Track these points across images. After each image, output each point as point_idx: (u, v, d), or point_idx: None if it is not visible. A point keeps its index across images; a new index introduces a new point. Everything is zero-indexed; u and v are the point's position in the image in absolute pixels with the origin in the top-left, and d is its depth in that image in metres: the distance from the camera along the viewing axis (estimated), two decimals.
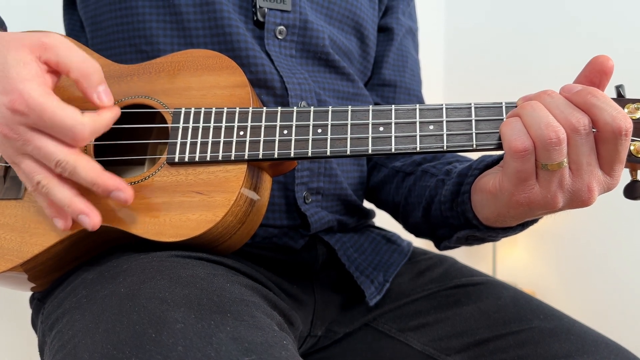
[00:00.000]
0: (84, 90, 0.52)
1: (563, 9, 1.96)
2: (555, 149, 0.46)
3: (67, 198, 0.52)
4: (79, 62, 0.51)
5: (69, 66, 0.51)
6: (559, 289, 1.95)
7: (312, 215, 0.70)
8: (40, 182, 0.52)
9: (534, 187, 0.49)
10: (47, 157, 0.50)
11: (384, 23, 0.85)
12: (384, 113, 0.56)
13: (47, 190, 0.52)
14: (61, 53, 0.51)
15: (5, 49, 0.50)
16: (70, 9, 0.79)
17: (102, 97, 0.53)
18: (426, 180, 0.71)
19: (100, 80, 0.53)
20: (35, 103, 0.48)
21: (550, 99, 0.49)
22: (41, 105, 0.48)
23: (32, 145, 0.50)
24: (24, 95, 0.48)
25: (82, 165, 0.51)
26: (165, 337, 0.40)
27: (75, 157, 0.50)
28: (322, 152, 0.55)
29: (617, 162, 0.48)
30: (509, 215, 0.53)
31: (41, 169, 0.52)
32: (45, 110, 0.48)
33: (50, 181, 0.52)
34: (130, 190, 0.53)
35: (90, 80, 0.52)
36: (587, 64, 0.50)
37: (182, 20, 0.68)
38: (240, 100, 0.59)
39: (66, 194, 0.52)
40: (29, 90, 0.48)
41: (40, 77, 0.50)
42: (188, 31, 0.68)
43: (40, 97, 0.48)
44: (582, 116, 0.46)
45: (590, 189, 0.48)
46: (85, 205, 0.52)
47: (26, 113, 0.48)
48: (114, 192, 0.52)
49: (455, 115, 0.54)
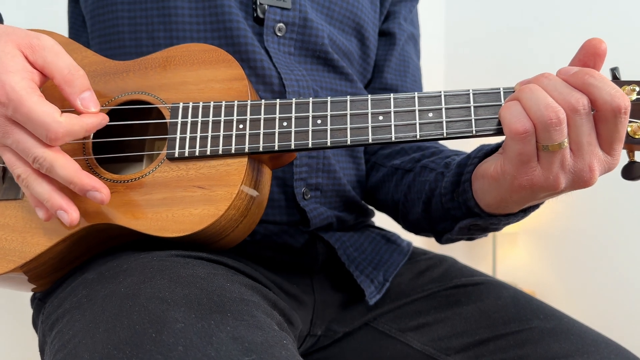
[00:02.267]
0: (67, 97, 0.53)
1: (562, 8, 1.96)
2: (555, 129, 0.47)
3: (45, 193, 0.52)
4: (64, 67, 0.52)
5: (54, 71, 0.51)
6: (559, 289, 1.95)
7: (312, 211, 0.70)
8: (20, 176, 0.52)
9: (536, 169, 0.49)
10: (25, 152, 0.51)
11: (386, 27, 0.85)
12: (383, 102, 0.56)
13: (27, 184, 0.52)
14: (48, 57, 0.51)
15: None
16: (74, 2, 0.80)
17: (87, 103, 0.53)
18: (425, 175, 0.71)
19: (83, 87, 0.53)
20: (15, 96, 0.48)
21: (548, 81, 0.49)
22: (20, 99, 0.48)
23: (12, 138, 0.50)
24: (5, 87, 0.48)
25: (60, 163, 0.51)
26: (166, 337, 0.40)
27: (53, 155, 0.51)
28: (323, 142, 0.55)
29: (616, 140, 0.48)
30: (512, 199, 0.53)
31: (20, 162, 0.52)
32: (22, 103, 0.48)
33: (29, 176, 0.52)
34: (106, 190, 0.53)
35: (73, 86, 0.52)
36: (580, 47, 0.51)
37: (180, 14, 0.68)
38: (238, 93, 0.59)
39: (45, 188, 0.52)
40: (11, 81, 0.48)
41: (26, 71, 0.50)
42: (188, 25, 0.68)
43: (21, 90, 0.48)
44: (581, 96, 0.47)
45: (591, 168, 0.48)
46: (63, 201, 0.52)
47: (5, 104, 0.49)
48: (90, 192, 0.52)
49: (454, 102, 0.54)
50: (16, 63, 0.50)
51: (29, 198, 0.55)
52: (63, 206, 0.52)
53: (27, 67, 0.50)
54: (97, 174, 0.58)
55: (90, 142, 0.60)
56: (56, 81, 0.52)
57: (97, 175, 0.58)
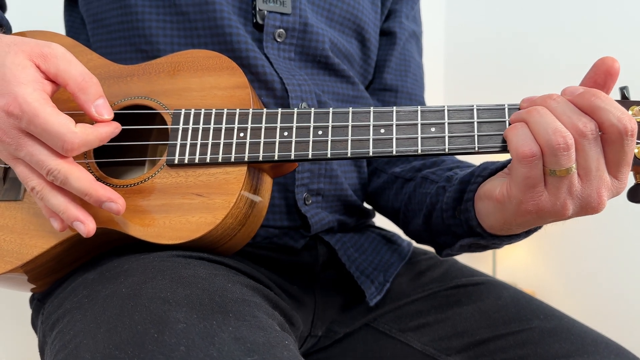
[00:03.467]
0: (81, 104, 0.52)
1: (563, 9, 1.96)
2: (563, 154, 0.46)
3: (61, 205, 0.52)
4: (77, 75, 0.51)
5: (67, 79, 0.51)
6: (559, 289, 1.95)
7: (313, 217, 0.70)
8: (34, 188, 0.52)
9: (543, 194, 0.48)
10: (39, 165, 0.50)
11: (386, 27, 0.85)
12: (385, 114, 0.55)
13: (41, 196, 0.52)
14: (60, 66, 0.51)
15: (5, 52, 0.50)
16: (70, 6, 0.79)
17: (101, 110, 0.53)
18: (426, 187, 0.70)
19: (97, 94, 0.53)
20: (29, 107, 0.48)
21: (555, 103, 0.48)
22: (34, 110, 0.48)
23: (25, 150, 0.50)
24: (18, 99, 0.48)
25: (74, 175, 0.50)
26: (168, 337, 0.40)
27: (68, 166, 0.50)
28: (323, 154, 0.55)
29: (624, 164, 0.48)
30: (516, 223, 0.52)
31: (34, 175, 0.51)
32: (37, 115, 0.48)
33: (44, 188, 0.52)
34: (122, 200, 0.53)
35: (88, 93, 0.52)
36: (592, 65, 0.50)
37: (182, 20, 0.68)
38: (240, 101, 0.59)
39: (60, 200, 0.52)
40: (24, 93, 0.48)
41: (37, 82, 0.50)
42: (189, 31, 0.68)
43: (34, 102, 0.48)
44: (589, 121, 0.46)
45: (599, 194, 0.48)
46: (79, 212, 0.52)
47: (19, 116, 0.48)
48: (105, 203, 0.52)
49: (457, 117, 0.54)
50: (27, 74, 0.49)
51: (43, 209, 0.54)
52: (80, 217, 0.52)
53: (38, 78, 0.50)
54: (97, 178, 0.58)
55: None
56: (69, 89, 0.52)
57: (97, 179, 0.58)
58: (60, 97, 0.56)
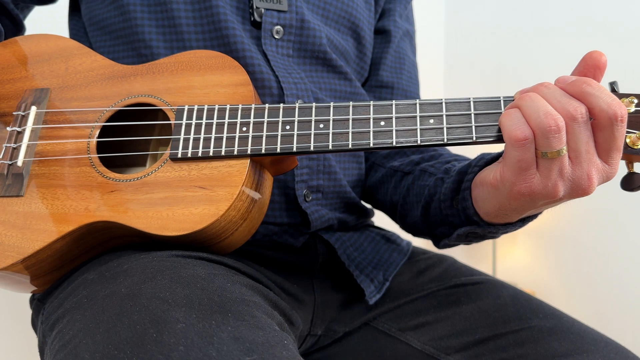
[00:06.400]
0: None
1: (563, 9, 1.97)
2: (554, 137, 0.47)
3: None
4: None
5: None
6: (559, 289, 1.95)
7: (313, 214, 0.71)
8: None
9: (535, 176, 0.49)
10: None
11: (381, 25, 0.86)
12: (384, 108, 0.56)
13: None
14: None
15: None
16: (74, 13, 0.80)
17: None
18: (425, 180, 0.71)
19: None
20: None
21: (547, 90, 0.50)
22: None
23: None
24: None
25: None
26: (167, 337, 0.40)
27: None
28: (324, 146, 0.56)
29: (614, 149, 0.49)
30: (510, 207, 0.53)
31: None
32: None
33: None
34: None
35: None
36: (581, 59, 0.52)
37: (178, 24, 0.69)
38: (242, 98, 0.60)
39: None
40: None
41: None
42: (187, 34, 0.69)
43: None
44: (579, 105, 0.48)
45: (589, 176, 0.49)
46: None
47: None
48: None
49: (454, 110, 0.55)
50: None
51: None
52: None
53: None
54: (100, 173, 0.59)
55: (94, 141, 0.61)
56: None
57: (100, 174, 0.58)
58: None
